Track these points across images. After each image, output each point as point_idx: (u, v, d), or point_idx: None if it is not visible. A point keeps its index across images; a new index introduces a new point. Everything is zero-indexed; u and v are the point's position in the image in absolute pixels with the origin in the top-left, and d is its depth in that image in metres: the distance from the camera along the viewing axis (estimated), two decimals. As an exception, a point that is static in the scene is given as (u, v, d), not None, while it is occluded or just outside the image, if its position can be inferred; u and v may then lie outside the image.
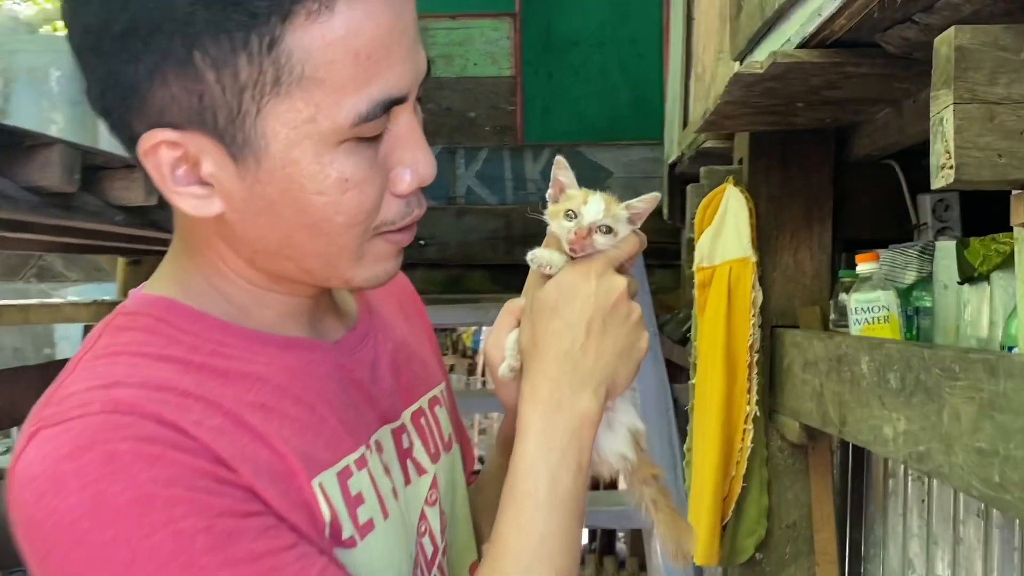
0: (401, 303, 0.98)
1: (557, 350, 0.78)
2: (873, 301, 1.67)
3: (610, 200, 0.85)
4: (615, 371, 0.80)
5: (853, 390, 1.54)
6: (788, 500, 2.03)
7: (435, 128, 4.01)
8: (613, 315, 0.80)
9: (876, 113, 1.87)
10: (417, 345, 0.95)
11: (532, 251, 0.85)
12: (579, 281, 0.80)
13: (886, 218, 2.11)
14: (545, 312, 0.80)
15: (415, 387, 0.90)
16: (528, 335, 0.82)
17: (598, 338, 0.79)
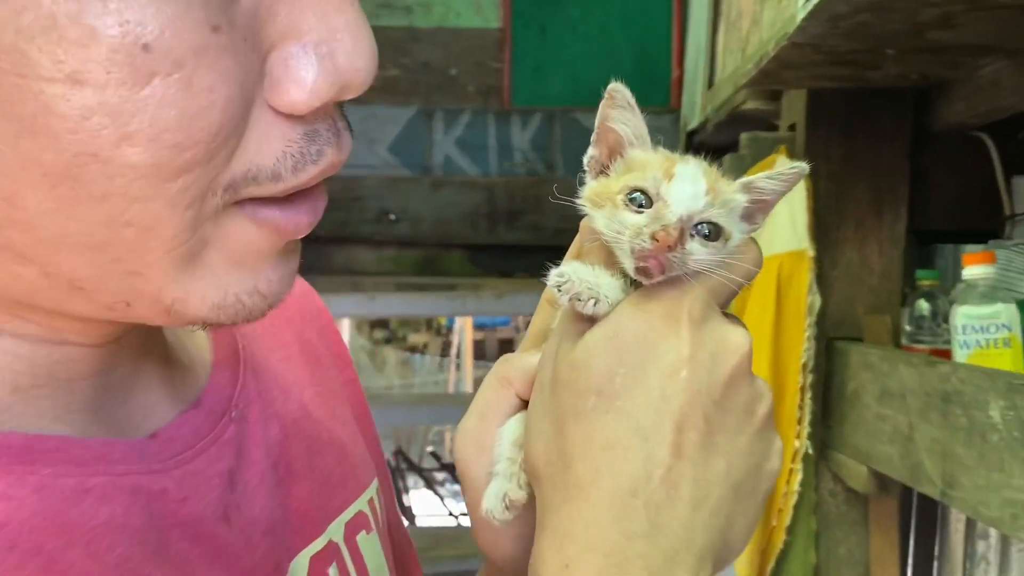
0: (306, 343, 0.59)
1: (614, 482, 0.41)
2: (990, 318, 1.24)
3: (714, 176, 0.47)
4: (728, 525, 0.43)
5: (972, 443, 1.12)
6: (839, 557, 1.62)
7: (409, 86, 3.52)
8: (726, 407, 0.44)
9: (982, 67, 1.43)
10: (331, 418, 0.56)
11: (559, 268, 0.45)
12: (658, 335, 0.43)
13: (971, 206, 1.69)
14: (586, 395, 0.43)
15: (321, 504, 0.52)
16: (547, 439, 0.44)
17: (699, 457, 0.42)
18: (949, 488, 1.18)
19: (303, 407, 0.54)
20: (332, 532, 0.52)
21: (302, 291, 0.63)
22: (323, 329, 0.63)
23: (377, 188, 3.43)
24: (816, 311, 1.54)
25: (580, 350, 0.43)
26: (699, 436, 0.42)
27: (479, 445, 0.49)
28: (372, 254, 3.42)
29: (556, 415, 0.43)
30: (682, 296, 0.44)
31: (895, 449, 1.33)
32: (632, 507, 0.40)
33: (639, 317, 0.43)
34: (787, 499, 1.57)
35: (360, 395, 0.65)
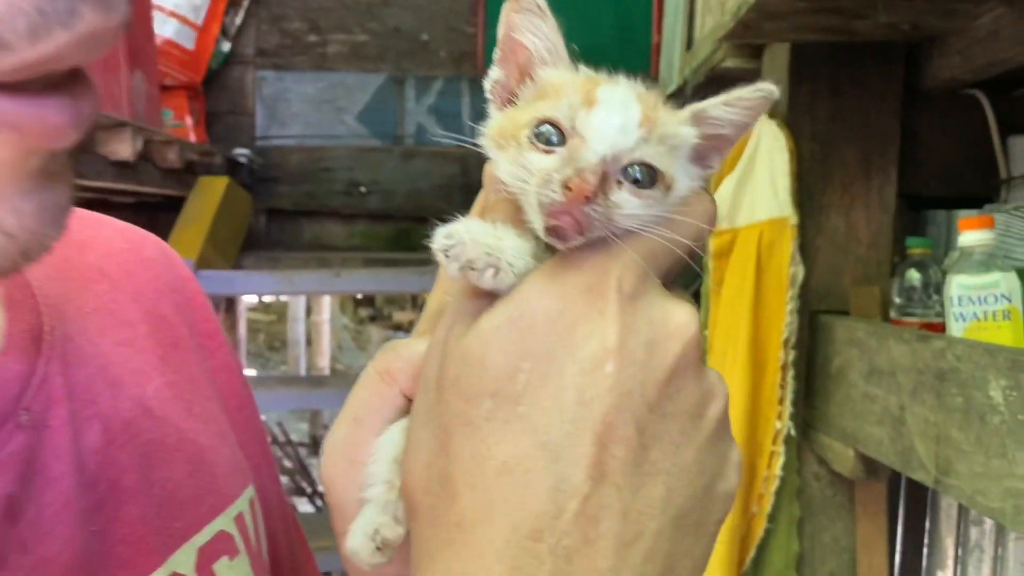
0: (160, 319, 0.48)
1: (510, 520, 0.31)
2: (988, 288, 1.13)
3: (651, 102, 0.37)
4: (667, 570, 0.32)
5: (969, 426, 1.01)
6: (824, 544, 1.52)
7: (379, 52, 3.38)
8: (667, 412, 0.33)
9: (980, 16, 1.32)
10: (185, 415, 0.45)
11: (449, 226, 0.35)
12: (577, 316, 0.33)
13: (964, 168, 1.57)
14: (479, 399, 0.32)
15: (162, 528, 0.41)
16: (428, 458, 0.34)
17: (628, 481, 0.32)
18: (944, 475, 1.08)
19: (142, 404, 0.43)
20: (178, 562, 0.41)
21: (159, 256, 0.51)
22: (187, 303, 0.52)
23: (346, 159, 3.29)
24: (799, 282, 1.44)
25: (473, 338, 0.33)
26: (628, 452, 0.32)
27: (351, 459, 0.38)
28: (342, 228, 3.30)
29: (441, 425, 0.33)
30: (609, 264, 0.33)
31: (884, 431, 1.23)
32: (534, 555, 0.30)
33: (552, 292, 0.33)
34: (768, 484, 1.47)
35: (237, 382, 0.53)
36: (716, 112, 0.38)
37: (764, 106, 0.38)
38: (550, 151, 0.35)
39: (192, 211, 2.58)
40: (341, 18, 3.35)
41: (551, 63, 0.38)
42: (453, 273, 0.34)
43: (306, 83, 3.34)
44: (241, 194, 2.97)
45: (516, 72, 0.39)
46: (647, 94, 0.36)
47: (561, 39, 0.38)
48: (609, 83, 0.36)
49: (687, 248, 0.35)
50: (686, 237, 0.35)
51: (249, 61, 3.36)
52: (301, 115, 3.33)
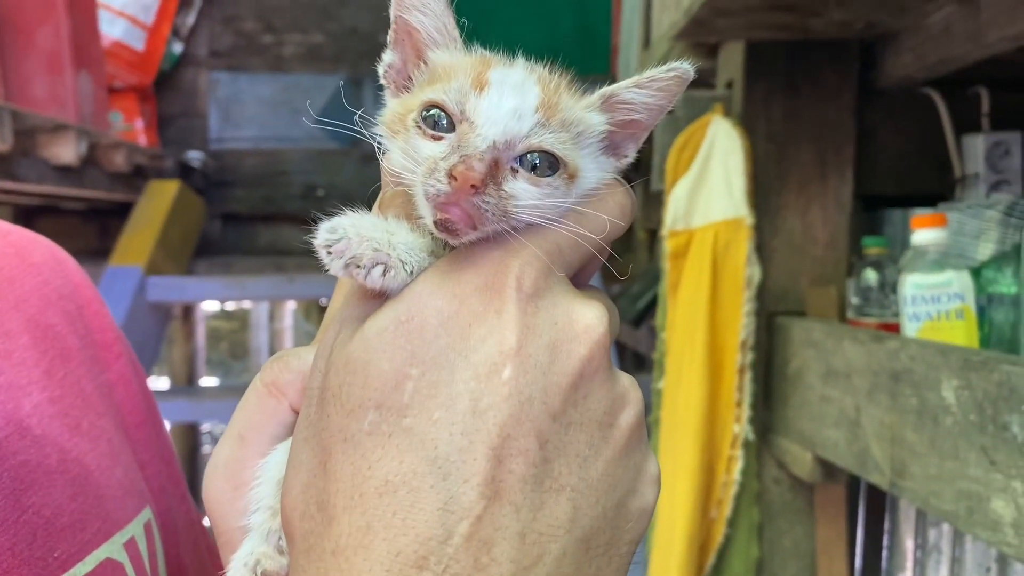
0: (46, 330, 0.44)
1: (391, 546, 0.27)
2: (941, 287, 1.12)
3: (553, 85, 0.34)
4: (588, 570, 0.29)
5: (923, 427, 1.00)
6: (785, 549, 1.50)
7: (336, 53, 3.32)
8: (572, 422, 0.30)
9: (932, 13, 1.31)
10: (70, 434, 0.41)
11: (332, 220, 0.34)
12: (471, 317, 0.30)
13: (919, 166, 1.57)
14: (361, 411, 0.29)
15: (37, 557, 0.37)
16: (306, 478, 0.30)
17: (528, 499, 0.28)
18: (899, 478, 1.06)
19: (17, 422, 0.39)
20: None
21: (48, 262, 0.47)
22: (80, 312, 0.47)
23: (303, 162, 3.24)
24: (756, 284, 1.42)
25: (357, 344, 0.30)
26: (528, 467, 0.28)
27: (233, 481, 0.34)
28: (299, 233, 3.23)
29: (320, 442, 0.30)
30: (508, 260, 0.30)
31: (841, 434, 1.21)
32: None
33: (444, 291, 0.30)
34: (727, 489, 1.45)
35: (138, 397, 0.49)
36: (628, 95, 0.35)
37: (679, 87, 0.36)
38: (439, 137, 0.32)
39: (141, 216, 2.51)
40: (297, 18, 3.30)
41: (442, 44, 0.35)
42: (337, 272, 0.31)
43: (261, 85, 3.27)
44: (193, 198, 2.90)
45: (412, 55, 0.35)
46: (550, 77, 0.34)
47: (452, 17, 0.35)
48: (503, 65, 0.33)
49: (596, 243, 0.32)
50: (595, 231, 0.32)
51: (202, 62, 3.29)
52: (256, 118, 3.26)
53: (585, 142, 0.34)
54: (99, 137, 2.32)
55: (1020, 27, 1.15)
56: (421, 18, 0.35)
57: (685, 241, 1.50)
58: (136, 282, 2.25)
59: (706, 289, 1.43)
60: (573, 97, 0.34)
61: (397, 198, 0.33)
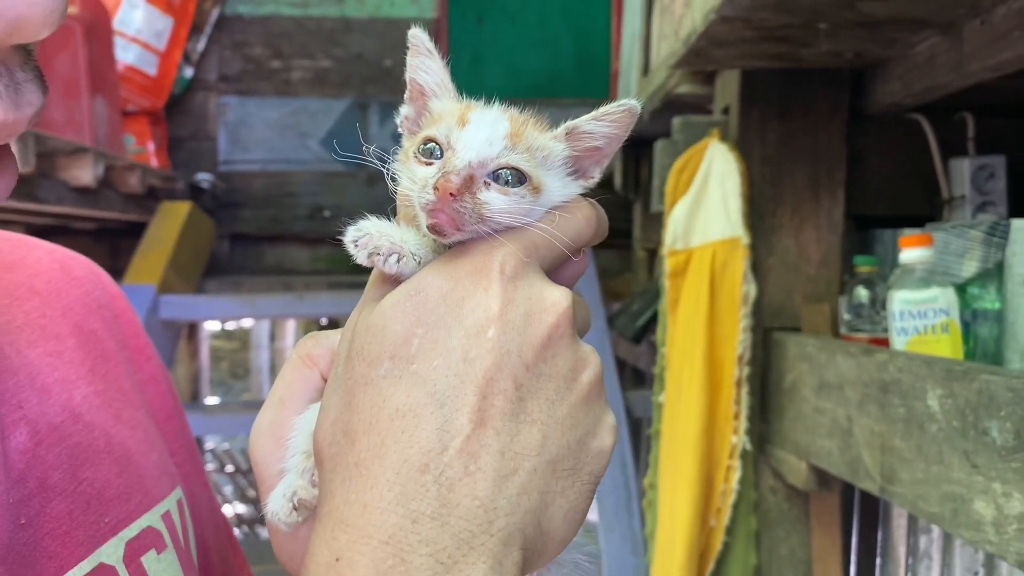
0: (89, 334, 0.50)
1: (400, 456, 0.36)
2: (927, 303, 1.18)
3: (521, 120, 0.43)
4: (543, 506, 0.37)
5: (911, 435, 1.05)
6: (781, 557, 1.56)
7: (343, 78, 3.40)
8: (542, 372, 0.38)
9: (917, 44, 1.38)
10: (113, 421, 0.48)
11: (357, 223, 0.41)
12: (464, 291, 0.39)
13: (909, 189, 1.64)
14: (379, 361, 0.37)
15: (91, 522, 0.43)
16: (334, 416, 0.38)
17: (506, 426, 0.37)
18: (888, 484, 1.12)
19: (71, 410, 0.45)
20: (105, 554, 0.43)
21: (88, 275, 0.54)
22: (116, 319, 0.54)
23: (310, 184, 3.30)
24: (752, 301, 1.48)
25: (377, 312, 0.38)
26: (507, 402, 0.36)
27: (275, 437, 0.42)
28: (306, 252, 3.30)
29: (347, 388, 0.37)
30: (492, 250, 0.39)
31: (834, 443, 1.27)
32: (420, 484, 0.34)
33: (444, 274, 0.38)
34: (725, 498, 1.50)
35: (167, 395, 0.56)
36: (587, 127, 0.43)
37: (629, 119, 0.43)
38: (431, 163, 0.40)
39: (154, 236, 2.58)
40: (304, 44, 3.38)
41: (439, 96, 0.44)
42: (362, 260, 0.39)
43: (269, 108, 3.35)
44: (203, 219, 2.96)
45: (422, 107, 0.44)
46: (519, 116, 0.42)
47: (447, 75, 0.44)
48: (482, 108, 0.42)
49: (567, 244, 0.40)
50: (564, 233, 0.40)
51: (212, 87, 3.37)
52: (265, 141, 3.34)
53: (551, 164, 0.42)
54: (115, 159, 2.39)
55: (999, 58, 1.22)
56: (426, 77, 0.44)
57: (684, 260, 1.57)
58: (149, 300, 2.30)
59: (704, 306, 1.49)
60: (539, 129, 0.42)
61: (406, 213, 0.40)
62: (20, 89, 0.31)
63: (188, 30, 3.28)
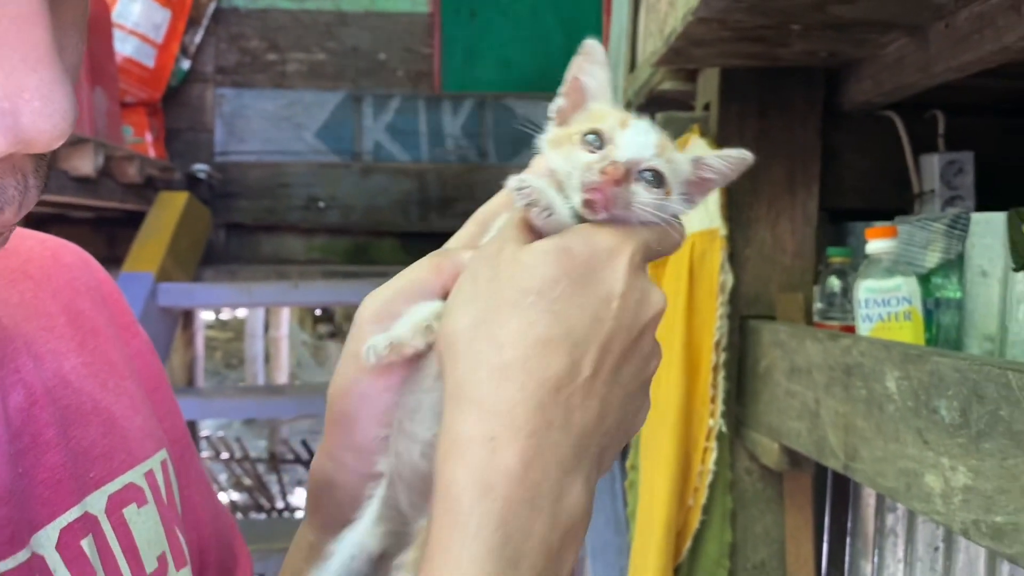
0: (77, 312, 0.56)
1: (542, 374, 0.43)
2: (891, 291, 1.25)
3: (666, 138, 0.50)
4: (609, 448, 0.47)
5: (871, 415, 1.12)
6: (756, 535, 1.63)
7: (337, 71, 3.46)
8: (634, 352, 0.47)
9: (887, 44, 1.44)
10: (100, 388, 0.53)
11: (521, 175, 0.48)
12: (602, 264, 0.46)
13: (881, 183, 1.70)
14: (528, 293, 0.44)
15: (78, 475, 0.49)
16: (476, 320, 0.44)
17: (609, 380, 0.45)
18: (851, 461, 1.18)
19: (61, 376, 0.51)
20: (90, 504, 0.49)
21: (77, 261, 0.60)
22: (104, 300, 0.60)
23: (305, 175, 3.36)
24: (728, 290, 1.55)
25: (528, 253, 0.45)
26: (613, 363, 0.44)
27: (382, 313, 0.48)
28: (301, 242, 3.36)
29: (492, 303, 0.44)
30: (627, 238, 0.46)
31: (803, 424, 1.33)
32: (554, 400, 0.42)
33: (589, 243, 0.45)
34: (703, 478, 1.57)
35: (153, 367, 0.62)
36: (710, 160, 0.50)
37: (742, 166, 0.51)
38: (593, 151, 0.47)
39: (152, 225, 2.63)
40: (300, 37, 3.43)
41: (598, 99, 0.51)
42: (520, 204, 0.46)
43: (265, 100, 3.40)
44: (200, 209, 3.02)
45: (573, 103, 0.51)
46: (664, 134, 0.49)
47: (610, 83, 0.51)
48: (636, 118, 0.49)
49: (667, 248, 0.48)
50: (669, 242, 0.48)
51: (208, 79, 3.42)
52: (260, 132, 3.39)
53: (676, 180, 0.49)
54: (114, 150, 2.44)
55: (962, 59, 1.29)
56: (591, 81, 0.51)
57: (665, 250, 1.63)
58: (148, 288, 2.36)
59: (683, 294, 1.56)
60: (676, 150, 0.49)
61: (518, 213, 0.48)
62: (28, 192, 0.35)
63: (185, 23, 3.32)
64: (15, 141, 0.32)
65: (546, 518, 0.41)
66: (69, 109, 0.33)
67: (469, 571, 0.39)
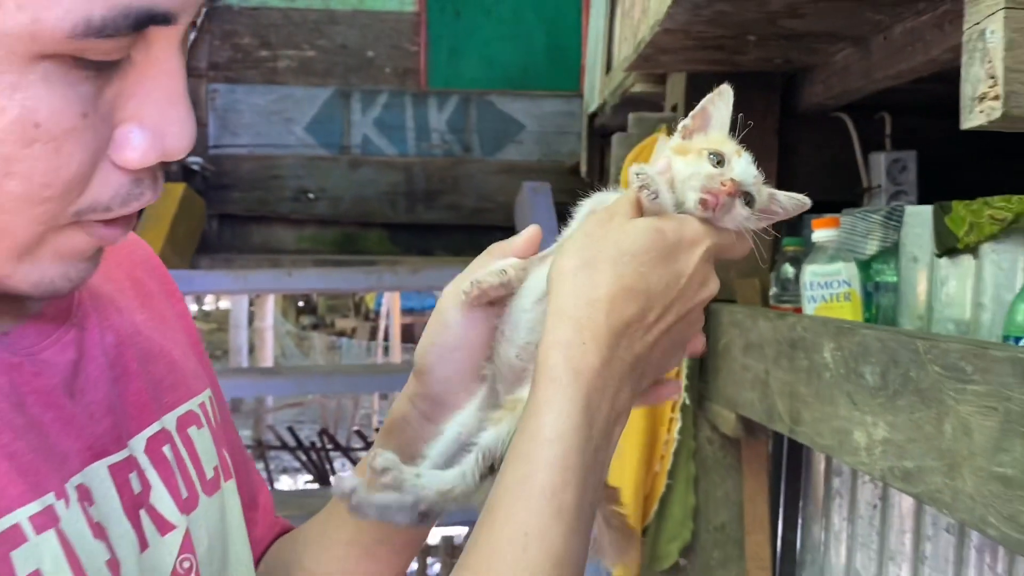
0: (137, 280, 0.68)
1: (623, 313, 0.58)
2: (832, 275, 1.40)
3: (760, 171, 0.65)
4: (651, 370, 0.61)
5: (811, 383, 1.27)
6: (717, 499, 1.78)
7: (327, 67, 3.58)
8: (682, 324, 0.62)
9: (835, 53, 1.60)
10: (161, 337, 0.66)
11: (643, 167, 0.61)
12: (681, 249, 0.60)
13: (834, 179, 1.86)
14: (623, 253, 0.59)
15: (155, 399, 0.62)
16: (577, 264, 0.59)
17: (667, 326, 0.60)
18: (795, 424, 1.34)
19: (134, 325, 0.64)
20: (165, 422, 0.62)
21: (131, 242, 0.73)
22: (153, 271, 0.73)
23: (295, 167, 3.48)
24: (693, 275, 1.69)
25: (632, 224, 0.59)
26: (670, 321, 0.59)
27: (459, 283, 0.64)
28: (291, 232, 3.49)
29: (597, 253, 0.58)
30: (708, 235, 0.60)
31: (755, 394, 1.49)
32: (625, 331, 0.57)
33: (679, 229, 0.59)
34: (668, 446, 1.72)
35: (191, 326, 0.75)
36: (780, 197, 0.65)
37: (801, 209, 0.66)
38: (714, 166, 0.61)
39: (152, 215, 2.75)
40: (290, 35, 3.55)
41: (716, 128, 0.65)
42: (635, 185, 0.59)
43: (257, 96, 3.52)
44: (196, 199, 3.13)
45: (698, 125, 0.66)
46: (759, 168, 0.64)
47: (730, 119, 0.65)
48: (746, 151, 0.63)
49: (743, 251, 0.63)
50: (739, 251, 0.63)
51: (202, 74, 3.53)
52: (252, 126, 3.51)
53: (761, 201, 0.63)
54: (114, 143, 2.55)
55: (898, 68, 1.44)
56: (717, 114, 0.65)
57: (636, 239, 1.78)
58: (148, 275, 2.47)
59: (652, 279, 1.71)
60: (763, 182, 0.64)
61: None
62: (158, 180, 0.50)
63: (179, 19, 3.42)
64: (161, 155, 0.48)
65: (609, 401, 0.56)
66: (193, 131, 0.48)
67: (563, 418, 0.54)
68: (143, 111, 0.47)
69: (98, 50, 0.43)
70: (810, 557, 1.81)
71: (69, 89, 0.44)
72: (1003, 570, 1.23)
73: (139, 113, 0.47)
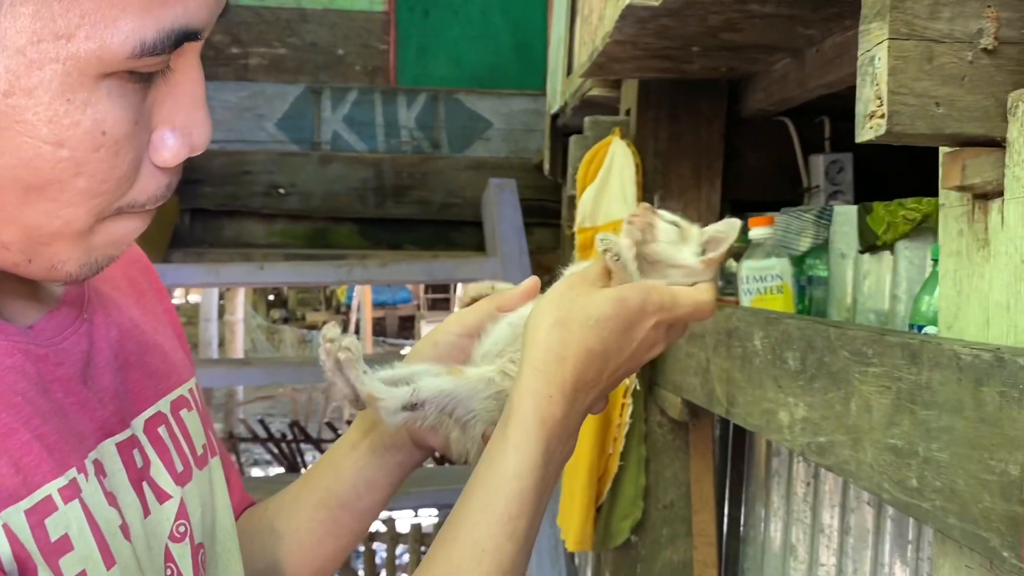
0: (131, 278, 0.76)
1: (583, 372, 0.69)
2: (766, 269, 1.52)
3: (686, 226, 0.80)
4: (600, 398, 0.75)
5: (744, 368, 1.39)
6: (666, 479, 1.90)
7: (298, 64, 3.65)
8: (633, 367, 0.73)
9: (774, 63, 1.71)
10: (154, 331, 0.74)
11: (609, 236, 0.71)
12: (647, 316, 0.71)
13: (776, 179, 1.98)
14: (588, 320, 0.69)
15: (151, 386, 0.70)
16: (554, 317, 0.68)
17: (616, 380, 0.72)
18: (731, 407, 1.45)
19: (132, 320, 0.72)
20: (161, 406, 0.70)
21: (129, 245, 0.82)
22: (144, 270, 0.81)
23: (266, 163, 3.55)
24: (643, 269, 1.81)
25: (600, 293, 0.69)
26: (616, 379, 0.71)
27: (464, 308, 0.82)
28: (262, 227, 3.55)
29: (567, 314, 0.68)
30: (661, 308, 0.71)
31: (698, 380, 1.60)
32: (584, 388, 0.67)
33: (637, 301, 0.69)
34: (620, 430, 1.83)
35: (176, 321, 0.84)
36: (711, 229, 0.79)
37: (734, 228, 0.80)
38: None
39: (124, 210, 2.79)
40: (262, 33, 3.62)
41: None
42: (598, 248, 0.70)
43: (228, 92, 3.58)
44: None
45: None
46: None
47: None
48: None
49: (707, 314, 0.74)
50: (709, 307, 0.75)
51: (174, 71, 3.57)
52: (224, 122, 3.57)
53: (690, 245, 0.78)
54: (88, 139, 2.61)
55: (828, 79, 1.56)
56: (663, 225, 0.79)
57: (591, 236, 1.89)
58: (122, 268, 2.54)
59: (605, 273, 1.82)
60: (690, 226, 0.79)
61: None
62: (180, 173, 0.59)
63: (150, 16, 3.47)
64: (189, 151, 0.56)
65: (563, 446, 0.67)
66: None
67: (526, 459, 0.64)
68: (174, 115, 0.55)
69: (148, 65, 0.51)
70: (752, 533, 1.94)
71: (124, 100, 0.52)
72: (912, 537, 1.35)
73: (171, 117, 0.55)
